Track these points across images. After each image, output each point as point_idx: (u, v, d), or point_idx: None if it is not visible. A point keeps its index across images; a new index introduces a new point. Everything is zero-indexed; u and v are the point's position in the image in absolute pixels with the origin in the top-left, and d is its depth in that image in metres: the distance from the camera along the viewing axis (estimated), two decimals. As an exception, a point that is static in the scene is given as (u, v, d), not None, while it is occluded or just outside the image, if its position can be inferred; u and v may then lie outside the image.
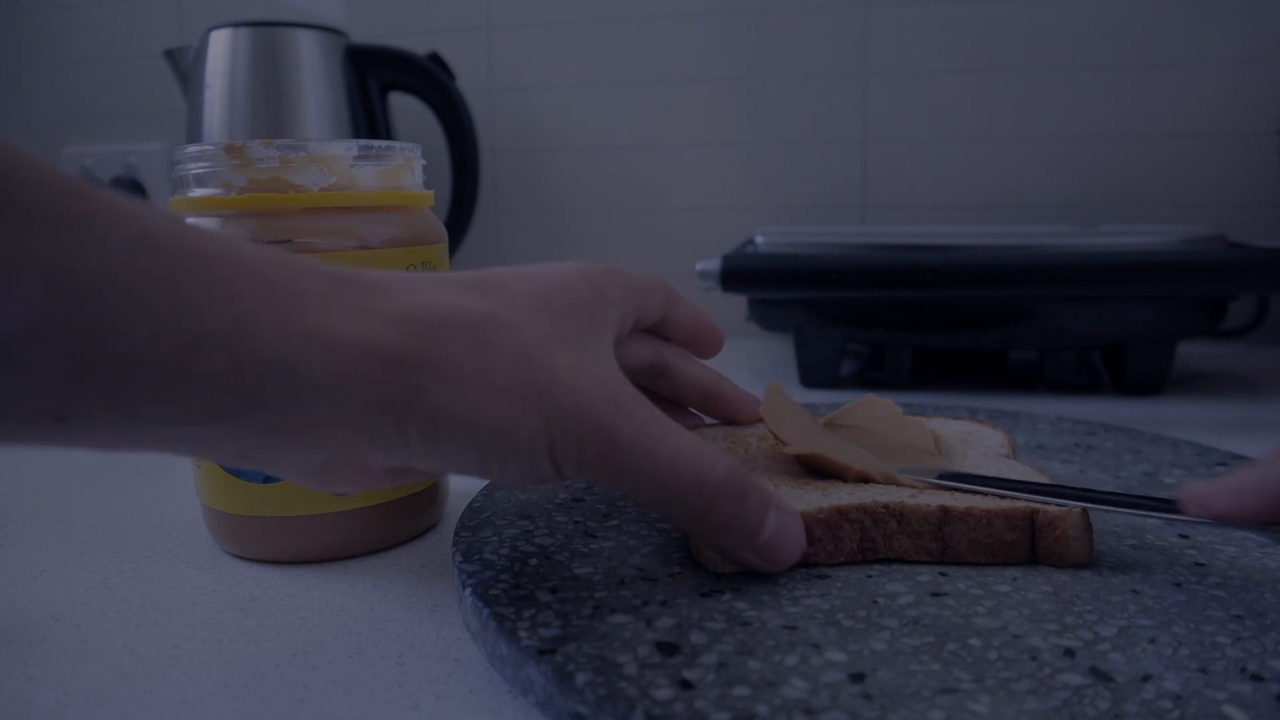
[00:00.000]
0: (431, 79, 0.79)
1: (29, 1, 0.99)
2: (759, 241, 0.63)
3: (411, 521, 0.33)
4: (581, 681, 0.20)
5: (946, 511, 0.27)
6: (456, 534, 0.29)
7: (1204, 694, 0.19)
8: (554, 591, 0.25)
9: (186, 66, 0.78)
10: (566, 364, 0.23)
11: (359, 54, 0.78)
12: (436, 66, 0.79)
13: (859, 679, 0.20)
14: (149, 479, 0.41)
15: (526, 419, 0.22)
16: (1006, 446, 0.34)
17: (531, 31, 0.88)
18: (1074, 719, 0.19)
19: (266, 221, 0.30)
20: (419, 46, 0.82)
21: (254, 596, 0.29)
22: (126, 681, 0.24)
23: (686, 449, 0.24)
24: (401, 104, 0.84)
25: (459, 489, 0.39)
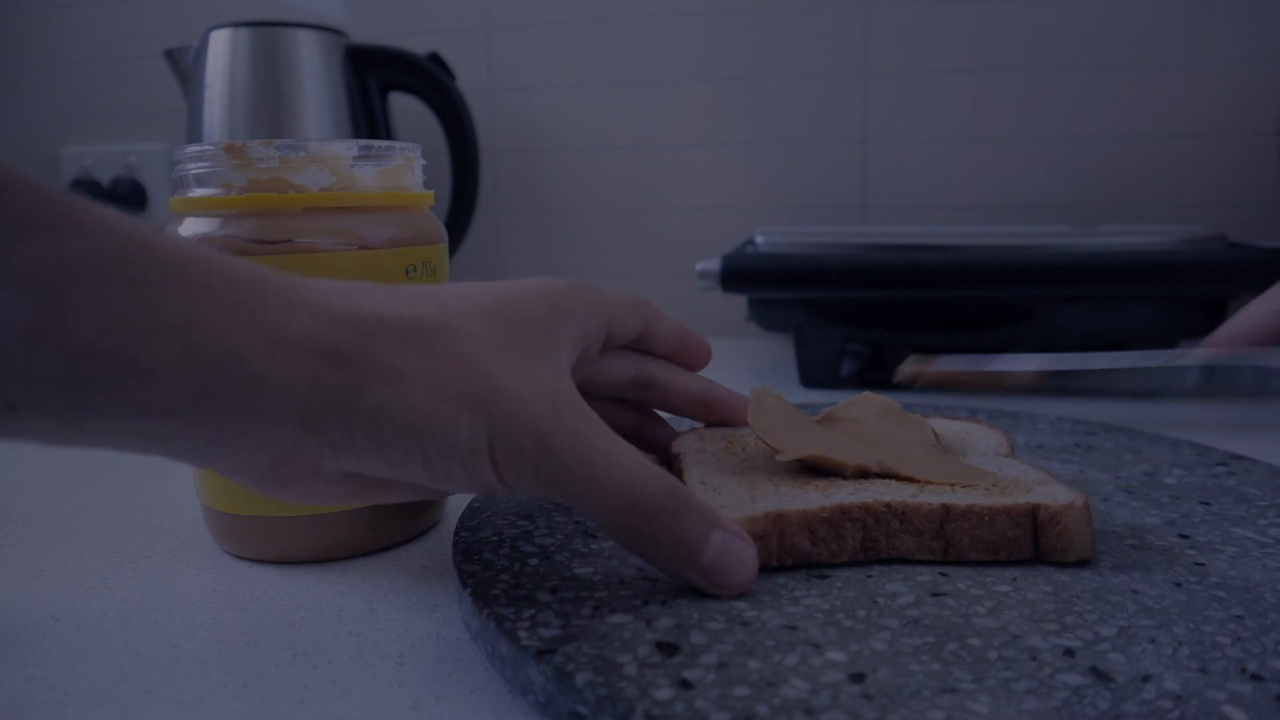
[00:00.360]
0: (431, 79, 0.79)
1: (29, 1, 0.99)
2: (759, 241, 0.63)
3: (411, 521, 0.33)
4: (581, 681, 0.20)
5: (948, 509, 0.27)
6: (456, 534, 0.29)
7: (1204, 694, 0.19)
8: (554, 591, 0.25)
9: (186, 66, 0.78)
10: (510, 371, 0.23)
11: (359, 54, 0.78)
12: (436, 66, 0.79)
13: (859, 679, 0.20)
14: (149, 479, 0.41)
15: (468, 423, 0.22)
16: (1005, 446, 0.34)
17: (531, 31, 0.88)
18: (1074, 719, 0.19)
19: (266, 221, 0.30)
20: (419, 46, 0.82)
21: (254, 596, 0.29)
22: (126, 681, 0.24)
23: (624, 464, 0.24)
24: (401, 104, 0.84)
25: (459, 489, 0.39)
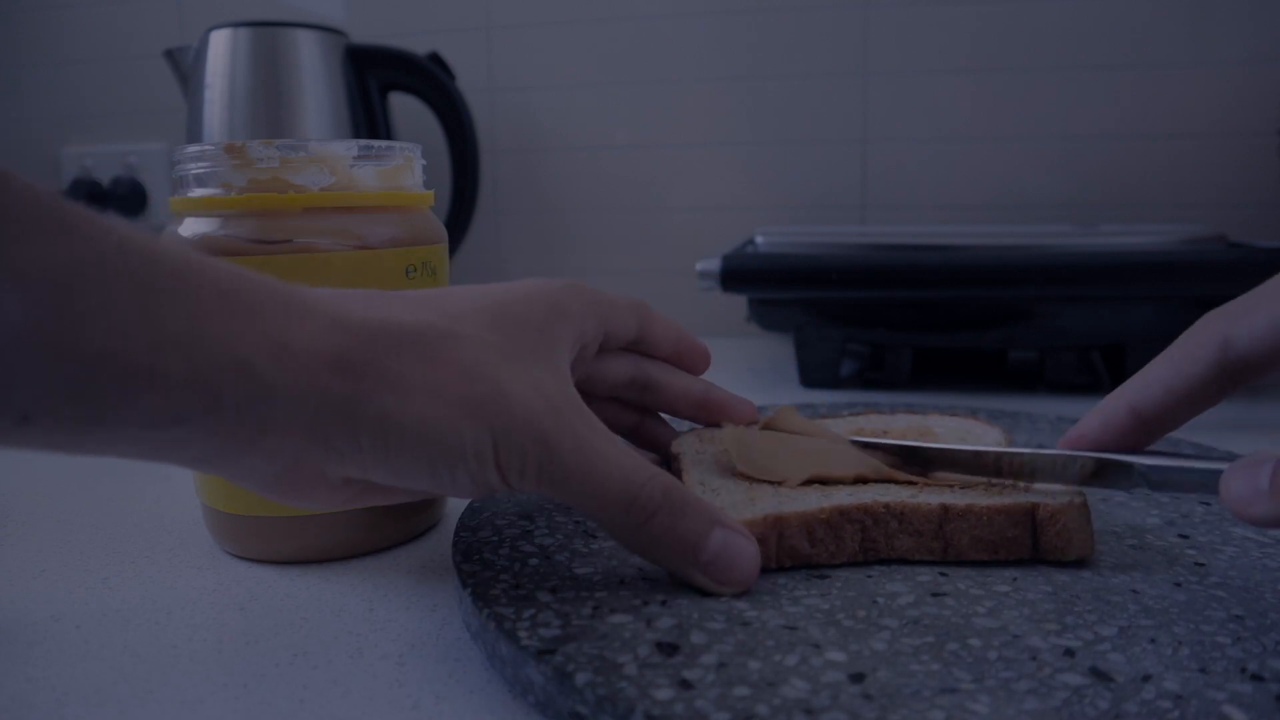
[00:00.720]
0: (431, 79, 0.79)
1: (29, 1, 0.98)
2: (759, 241, 0.63)
3: (411, 521, 0.33)
4: (581, 681, 0.20)
5: (947, 510, 0.27)
6: (456, 534, 0.29)
7: (1204, 694, 0.19)
8: (554, 591, 0.25)
9: (186, 66, 0.78)
10: (512, 376, 0.24)
11: (359, 54, 0.78)
12: (436, 66, 0.79)
13: (859, 679, 0.20)
14: (149, 479, 0.41)
15: (472, 429, 0.23)
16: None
17: (531, 31, 0.88)
18: (1074, 719, 0.19)
19: (266, 221, 0.30)
20: (419, 46, 0.82)
21: (254, 596, 0.29)
22: (126, 681, 0.24)
23: (622, 464, 0.24)
24: (401, 104, 0.84)
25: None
